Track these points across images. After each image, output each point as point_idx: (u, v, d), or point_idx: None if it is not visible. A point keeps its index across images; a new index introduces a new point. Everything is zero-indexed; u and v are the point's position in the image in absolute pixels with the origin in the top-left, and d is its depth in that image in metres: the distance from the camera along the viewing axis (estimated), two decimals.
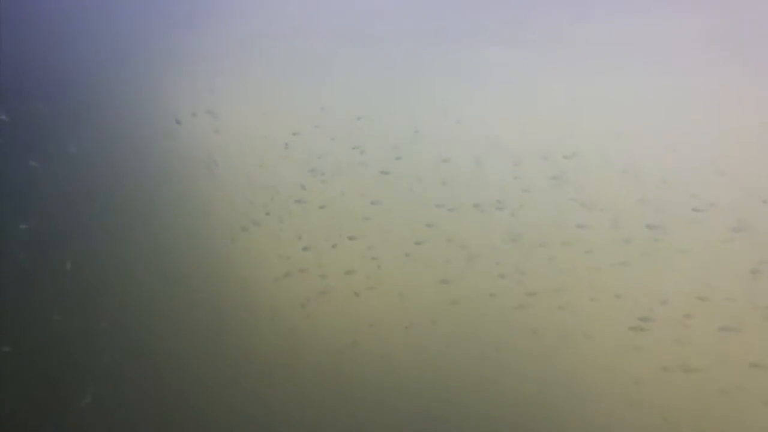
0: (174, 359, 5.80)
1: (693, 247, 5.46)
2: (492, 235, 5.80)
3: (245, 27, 6.18)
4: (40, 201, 5.91)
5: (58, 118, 6.04)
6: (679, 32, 5.56)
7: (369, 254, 5.93)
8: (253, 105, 6.14)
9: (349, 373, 5.73)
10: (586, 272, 5.64)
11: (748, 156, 5.47)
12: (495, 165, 5.79)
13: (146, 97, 6.19)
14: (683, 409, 5.31)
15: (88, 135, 6.08)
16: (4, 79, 5.93)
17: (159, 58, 6.21)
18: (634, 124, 5.60)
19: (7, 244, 5.82)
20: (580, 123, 5.67)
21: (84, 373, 5.71)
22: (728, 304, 5.31)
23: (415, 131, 5.94)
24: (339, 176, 6.02)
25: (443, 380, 5.67)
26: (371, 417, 5.60)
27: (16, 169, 5.90)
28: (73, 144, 6.03)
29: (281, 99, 6.12)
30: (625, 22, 5.61)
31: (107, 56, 6.16)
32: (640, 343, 5.45)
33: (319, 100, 6.06)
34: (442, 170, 5.89)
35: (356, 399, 5.66)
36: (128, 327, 5.84)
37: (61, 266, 5.84)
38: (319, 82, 6.09)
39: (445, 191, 5.88)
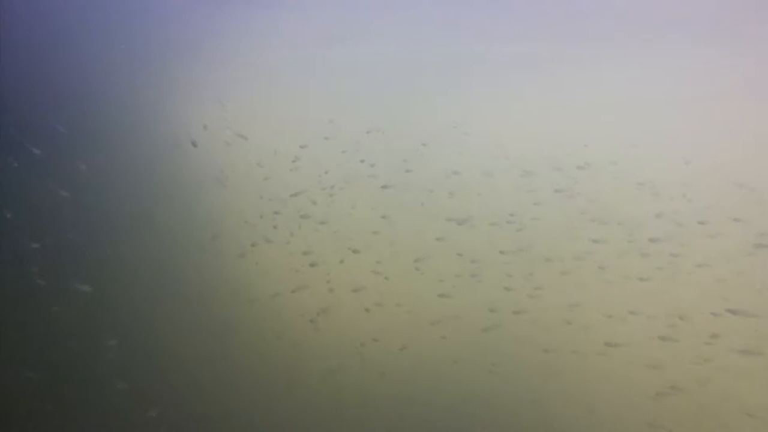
0: (182, 372, 5.82)
1: (712, 262, 5.28)
2: (503, 249, 5.69)
3: (256, 41, 6.21)
4: (52, 219, 6.02)
5: (71, 137, 6.14)
6: (697, 41, 5.41)
7: (378, 269, 5.88)
8: (262, 117, 6.16)
9: (356, 387, 5.68)
10: (601, 288, 5.49)
11: None
12: (505, 177, 5.70)
13: (156, 111, 6.26)
14: (704, 430, 5.14)
15: (98, 151, 6.17)
16: (33, 108, 6.06)
17: (169, 69, 6.27)
18: (648, 135, 5.46)
19: (21, 264, 5.93)
20: (593, 134, 5.54)
21: (95, 390, 5.77)
22: (750, 323, 5.12)
23: (424, 144, 5.88)
24: (348, 190, 5.98)
25: (452, 397, 5.57)
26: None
27: (40, 193, 6.02)
28: (82, 161, 6.12)
29: (290, 111, 6.13)
30: (639, 31, 5.49)
31: (115, 72, 6.24)
32: (657, 362, 5.28)
33: (327, 112, 6.04)
34: (452, 183, 5.81)
35: (364, 415, 5.60)
36: (137, 342, 5.89)
37: (72, 285, 5.92)
38: (327, 95, 6.08)
39: (455, 204, 5.80)
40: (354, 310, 5.83)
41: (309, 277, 5.93)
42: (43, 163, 6.06)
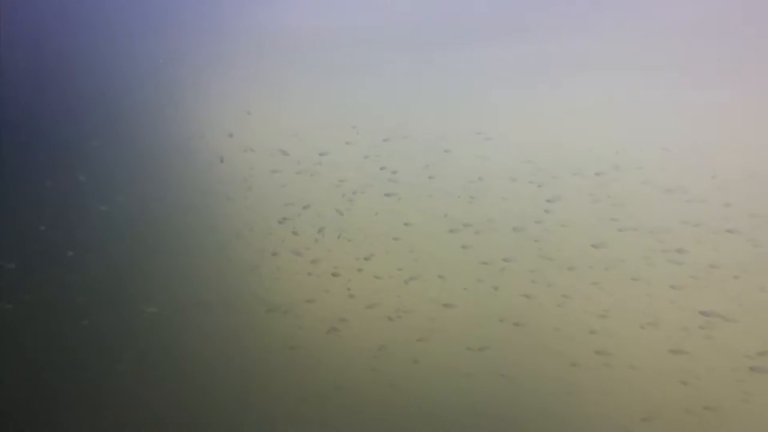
0: (198, 384, 5.85)
1: (752, 271, 4.98)
2: (529, 258, 5.52)
3: (279, 48, 6.24)
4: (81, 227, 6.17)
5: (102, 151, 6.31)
6: (730, 43, 5.17)
7: (400, 276, 5.78)
8: (284, 124, 6.16)
9: (368, 399, 5.59)
10: (630, 297, 5.25)
11: None
12: (530, 183, 5.53)
13: (180, 120, 6.34)
14: None
15: (131, 161, 6.29)
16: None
17: (191, 76, 6.36)
18: (679, 140, 5.21)
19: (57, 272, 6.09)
20: (621, 138, 5.32)
21: (113, 395, 5.85)
22: None
23: (446, 151, 5.77)
24: (369, 196, 5.91)
25: (475, 411, 5.42)
26: None
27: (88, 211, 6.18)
28: (117, 172, 6.27)
29: (312, 118, 6.11)
30: (666, 35, 5.28)
31: (142, 85, 6.37)
32: (692, 376, 5.01)
33: (350, 118, 5.99)
34: (475, 189, 5.67)
35: (374, 426, 5.51)
36: (154, 354, 5.95)
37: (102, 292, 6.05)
38: (350, 101, 6.03)
39: (479, 211, 5.66)
40: (374, 319, 5.75)
41: (328, 284, 5.88)
42: (77, 179, 6.22)
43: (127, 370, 5.92)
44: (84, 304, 6.03)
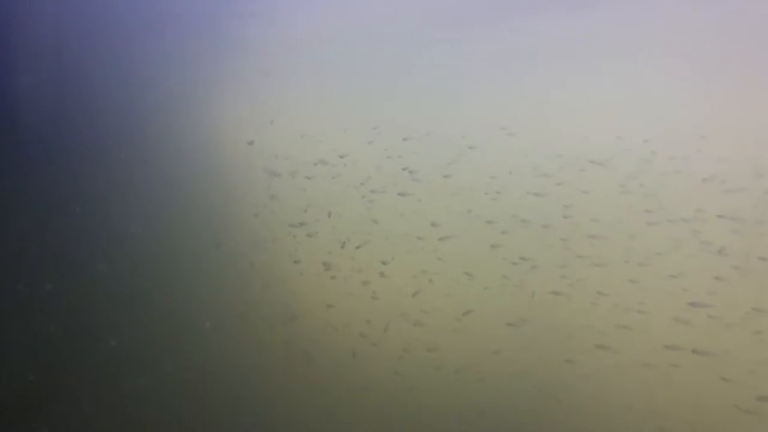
0: (223, 395, 5.83)
1: None
2: (562, 256, 5.32)
3: (302, 51, 6.25)
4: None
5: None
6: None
7: (424, 276, 5.65)
8: (305, 128, 6.14)
9: (396, 401, 5.47)
10: (671, 292, 4.99)
11: None
12: (557, 177, 5.35)
13: (195, 124, 6.39)
14: None
15: (153, 165, 6.36)
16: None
17: (210, 82, 6.42)
18: (715, 125, 4.97)
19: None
20: (655, 128, 5.11)
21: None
22: None
23: (471, 147, 5.64)
24: (392, 196, 5.82)
25: (500, 413, 5.24)
26: None
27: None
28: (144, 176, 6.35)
29: (333, 118, 6.07)
30: (700, 18, 5.08)
31: (163, 90, 6.45)
32: (735, 373, 4.72)
33: (371, 118, 5.92)
34: (501, 185, 5.52)
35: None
36: (186, 362, 5.95)
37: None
38: (371, 100, 5.98)
39: (505, 208, 5.50)
40: (398, 321, 5.63)
41: (351, 288, 5.79)
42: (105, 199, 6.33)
43: (160, 382, 5.94)
44: (115, 321, 6.09)
